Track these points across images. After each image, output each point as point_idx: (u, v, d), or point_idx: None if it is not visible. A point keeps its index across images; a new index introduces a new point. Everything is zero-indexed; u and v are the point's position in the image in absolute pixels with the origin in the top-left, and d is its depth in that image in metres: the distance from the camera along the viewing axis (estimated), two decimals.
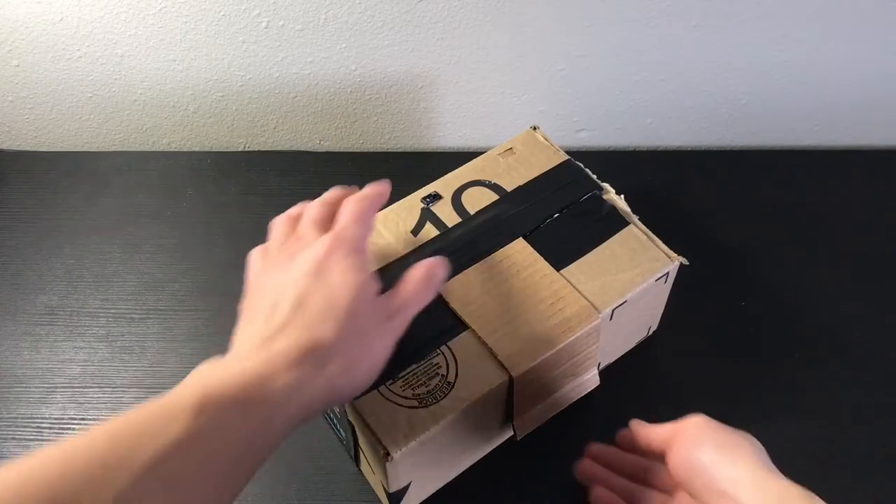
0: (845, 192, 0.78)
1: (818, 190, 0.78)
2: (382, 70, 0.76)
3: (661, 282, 0.57)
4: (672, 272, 0.57)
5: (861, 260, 0.72)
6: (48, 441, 0.61)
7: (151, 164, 0.80)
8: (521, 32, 0.72)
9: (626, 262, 0.57)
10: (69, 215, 0.75)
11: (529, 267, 0.56)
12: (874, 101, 0.80)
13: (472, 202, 0.60)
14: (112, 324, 0.67)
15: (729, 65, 0.76)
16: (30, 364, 0.65)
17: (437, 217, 0.59)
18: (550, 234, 0.58)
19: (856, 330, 0.67)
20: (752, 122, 0.82)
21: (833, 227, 0.75)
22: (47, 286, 0.70)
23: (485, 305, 0.54)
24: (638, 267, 0.56)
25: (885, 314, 0.68)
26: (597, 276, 0.56)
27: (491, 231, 0.58)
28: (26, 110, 0.79)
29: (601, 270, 0.56)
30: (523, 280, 0.55)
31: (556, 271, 0.56)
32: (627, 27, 0.72)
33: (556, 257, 0.57)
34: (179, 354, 0.66)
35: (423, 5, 0.70)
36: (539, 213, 0.59)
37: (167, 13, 0.70)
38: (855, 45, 0.75)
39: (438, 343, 0.52)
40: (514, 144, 0.64)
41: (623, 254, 0.57)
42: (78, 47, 0.73)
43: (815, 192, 0.77)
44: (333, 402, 0.42)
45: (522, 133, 0.65)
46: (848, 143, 0.84)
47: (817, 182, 0.78)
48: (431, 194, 0.61)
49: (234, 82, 0.77)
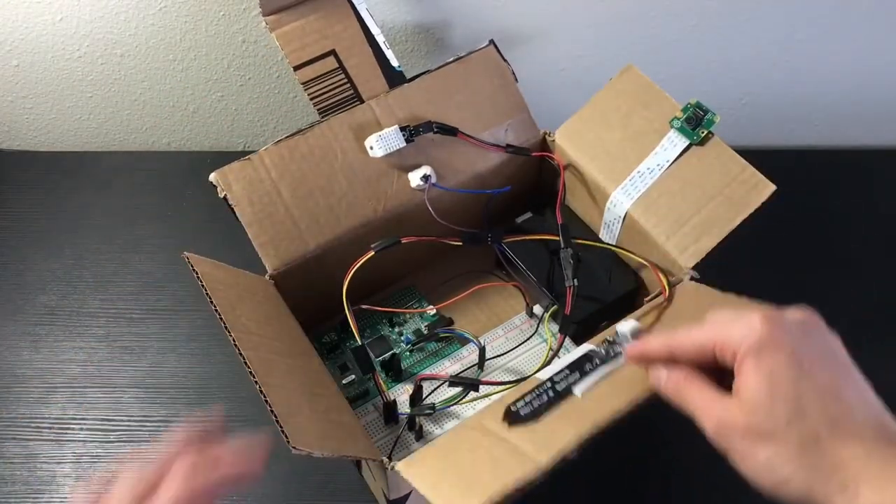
0: (845, 191, 0.78)
1: (818, 190, 0.78)
2: None
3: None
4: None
5: (861, 260, 0.72)
6: (48, 441, 0.61)
7: (151, 164, 0.80)
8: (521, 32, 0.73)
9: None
10: (69, 215, 0.75)
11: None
12: (874, 101, 0.80)
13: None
14: (112, 324, 0.67)
15: (729, 65, 0.76)
16: (29, 364, 0.65)
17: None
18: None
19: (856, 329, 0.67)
20: (752, 122, 0.82)
21: (833, 226, 0.75)
22: (47, 286, 0.70)
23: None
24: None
25: (886, 313, 0.68)
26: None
27: None
28: (26, 110, 0.79)
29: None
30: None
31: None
32: (627, 27, 0.72)
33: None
34: (179, 354, 0.66)
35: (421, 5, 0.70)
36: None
37: (167, 13, 0.70)
38: (855, 45, 0.75)
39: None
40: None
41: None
42: (78, 47, 0.73)
43: (815, 192, 0.77)
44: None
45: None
46: (848, 143, 0.84)
47: (817, 182, 0.78)
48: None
49: (234, 82, 0.77)
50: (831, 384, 0.35)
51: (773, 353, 0.35)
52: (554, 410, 0.45)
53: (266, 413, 0.62)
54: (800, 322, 0.37)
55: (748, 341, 0.36)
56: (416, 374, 0.57)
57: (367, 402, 0.57)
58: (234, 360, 0.66)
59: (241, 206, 0.54)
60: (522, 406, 0.45)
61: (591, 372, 0.47)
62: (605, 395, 0.45)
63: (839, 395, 0.35)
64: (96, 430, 0.61)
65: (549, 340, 0.59)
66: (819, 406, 0.34)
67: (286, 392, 0.44)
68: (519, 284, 0.63)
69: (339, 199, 0.56)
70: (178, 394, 0.63)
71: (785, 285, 0.70)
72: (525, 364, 0.59)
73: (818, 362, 0.35)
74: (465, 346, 0.60)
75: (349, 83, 0.59)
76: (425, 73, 0.60)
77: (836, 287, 0.70)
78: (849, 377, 0.36)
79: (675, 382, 0.39)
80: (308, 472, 0.59)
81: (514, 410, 0.45)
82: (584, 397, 0.45)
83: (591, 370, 0.47)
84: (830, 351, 0.37)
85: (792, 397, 0.34)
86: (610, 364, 0.47)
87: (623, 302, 0.59)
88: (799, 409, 0.34)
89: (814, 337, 0.37)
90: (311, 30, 0.59)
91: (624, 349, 0.47)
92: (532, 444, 0.42)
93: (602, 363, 0.47)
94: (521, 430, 0.44)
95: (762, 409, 0.35)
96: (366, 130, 0.57)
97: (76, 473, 0.59)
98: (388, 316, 0.61)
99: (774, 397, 0.35)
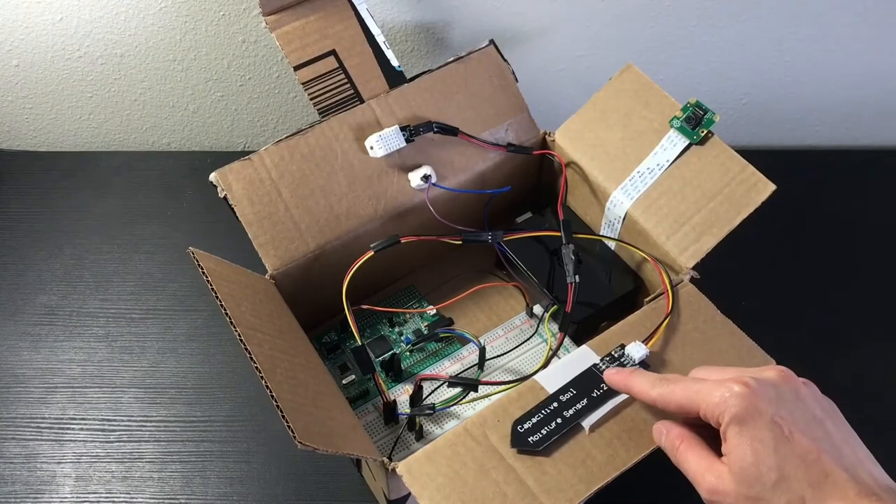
0: (846, 191, 0.78)
1: (818, 190, 0.78)
2: None
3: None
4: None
5: (861, 259, 0.72)
6: (48, 441, 0.61)
7: (151, 164, 0.80)
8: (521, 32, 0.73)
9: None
10: (69, 215, 0.75)
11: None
12: (874, 101, 0.80)
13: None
14: (111, 324, 0.67)
15: (729, 65, 0.76)
16: (29, 364, 0.65)
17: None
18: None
19: (856, 329, 0.67)
20: (752, 122, 0.82)
21: (833, 226, 0.75)
22: (47, 286, 0.70)
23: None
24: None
25: (886, 313, 0.68)
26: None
27: None
28: (26, 110, 0.79)
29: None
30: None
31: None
32: (627, 27, 0.72)
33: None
34: (179, 354, 0.66)
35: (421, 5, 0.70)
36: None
37: (167, 13, 0.70)
38: (855, 45, 0.75)
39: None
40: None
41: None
42: (78, 47, 0.73)
43: (815, 192, 0.77)
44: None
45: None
46: (848, 143, 0.84)
47: (817, 182, 0.78)
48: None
49: (234, 82, 0.77)
50: (811, 447, 0.37)
51: (754, 423, 0.38)
52: (563, 445, 0.45)
53: (267, 413, 0.62)
54: (776, 384, 0.40)
55: (731, 411, 0.38)
56: (416, 375, 0.57)
57: (367, 402, 0.57)
58: (234, 361, 0.67)
59: (241, 206, 0.54)
60: (530, 428, 0.45)
61: (598, 401, 0.47)
62: (614, 443, 0.45)
63: (819, 457, 0.37)
64: (96, 430, 0.61)
65: (549, 340, 0.59)
66: (802, 470, 0.37)
67: (290, 389, 0.44)
68: (519, 284, 0.63)
69: (339, 199, 0.56)
70: (178, 394, 0.63)
71: (785, 285, 0.70)
72: (525, 364, 0.59)
73: (797, 425, 0.38)
74: (465, 347, 0.60)
75: (349, 83, 0.59)
76: (425, 73, 0.60)
77: (836, 287, 0.70)
78: (826, 434, 0.38)
79: (672, 443, 0.42)
80: (308, 472, 0.59)
81: (521, 432, 0.45)
82: (591, 434, 0.46)
83: (598, 396, 0.47)
84: (808, 410, 0.39)
85: (775, 465, 0.37)
86: (618, 395, 0.47)
87: (623, 302, 0.59)
88: (783, 476, 0.37)
89: (790, 399, 0.39)
90: (311, 30, 0.59)
91: (634, 361, 0.48)
92: (539, 484, 0.43)
93: (609, 389, 0.47)
94: (528, 461, 0.44)
95: (750, 477, 0.37)
96: (366, 130, 0.57)
97: (76, 473, 0.59)
98: (388, 316, 0.61)
99: (759, 465, 0.37)
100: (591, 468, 0.44)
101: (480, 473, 0.44)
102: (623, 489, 0.45)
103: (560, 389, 0.47)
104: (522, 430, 0.45)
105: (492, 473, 0.44)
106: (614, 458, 0.45)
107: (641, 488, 0.51)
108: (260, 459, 0.60)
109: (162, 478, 0.59)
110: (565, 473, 0.44)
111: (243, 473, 0.59)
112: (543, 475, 0.44)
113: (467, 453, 0.44)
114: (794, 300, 0.69)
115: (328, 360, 0.59)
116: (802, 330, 0.67)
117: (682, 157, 0.56)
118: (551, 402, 0.46)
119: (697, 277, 0.54)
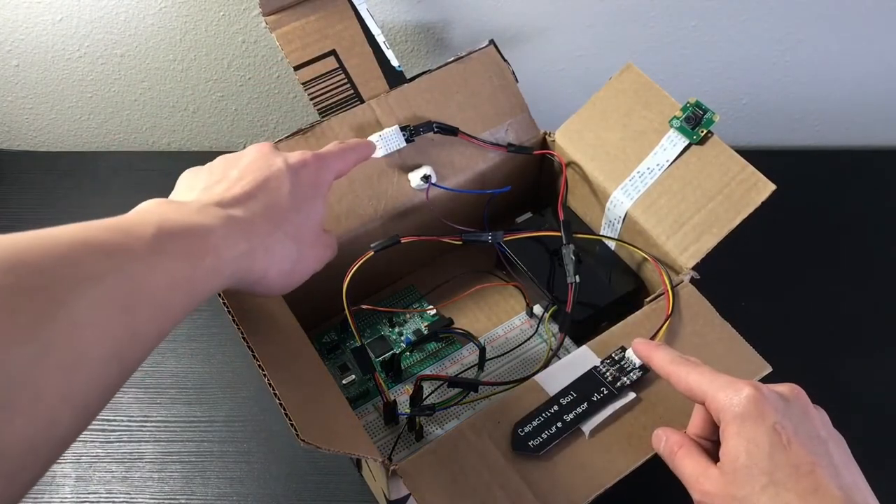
0: (845, 191, 0.78)
1: (818, 190, 0.78)
2: None
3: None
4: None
5: (861, 259, 0.72)
6: None
7: (151, 164, 0.80)
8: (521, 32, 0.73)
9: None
10: (69, 215, 0.74)
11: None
12: (874, 101, 0.80)
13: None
14: None
15: (729, 65, 0.76)
16: None
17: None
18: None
19: (856, 329, 0.67)
20: (752, 122, 0.82)
21: (833, 226, 0.75)
22: None
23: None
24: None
25: (886, 313, 0.68)
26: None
27: None
28: (26, 110, 0.79)
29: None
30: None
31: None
32: (627, 27, 0.72)
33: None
34: (179, 354, 0.66)
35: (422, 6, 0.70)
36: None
37: (167, 13, 0.70)
38: (855, 45, 0.75)
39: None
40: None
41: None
42: (78, 47, 0.73)
43: (815, 192, 0.77)
44: (262, 283, 0.42)
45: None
46: (848, 143, 0.84)
47: (817, 182, 0.78)
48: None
49: (234, 82, 0.77)
50: (807, 459, 0.37)
51: (756, 424, 0.38)
52: (562, 449, 0.45)
53: (267, 413, 0.62)
54: (786, 398, 0.39)
55: (735, 410, 0.38)
56: (416, 375, 0.57)
57: (367, 403, 0.57)
58: (234, 361, 0.67)
59: None
60: (531, 432, 0.45)
61: (599, 405, 0.47)
62: (613, 448, 0.46)
63: (814, 470, 0.36)
64: (96, 430, 0.61)
65: (549, 341, 0.59)
66: (793, 480, 0.36)
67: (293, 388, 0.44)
68: (519, 284, 0.63)
69: (339, 199, 0.56)
70: (178, 394, 0.63)
71: (785, 285, 0.70)
72: (525, 364, 0.59)
73: (797, 437, 0.37)
74: (465, 347, 0.60)
75: (349, 83, 0.59)
76: (425, 73, 0.60)
77: (837, 287, 0.70)
78: (826, 453, 0.38)
79: (671, 448, 0.42)
80: (308, 472, 0.59)
81: (521, 435, 0.45)
82: (591, 439, 0.46)
83: (598, 400, 0.47)
84: (813, 428, 0.39)
85: (767, 470, 0.37)
86: (618, 400, 0.47)
87: (623, 302, 0.59)
88: (773, 481, 0.36)
89: (797, 413, 0.39)
90: (311, 30, 0.59)
91: (635, 365, 0.48)
92: (538, 488, 0.43)
93: (609, 393, 0.47)
94: (527, 464, 0.44)
95: (741, 478, 0.37)
96: (366, 130, 0.57)
97: (76, 473, 0.59)
98: (388, 316, 0.61)
99: (751, 468, 0.37)
100: (589, 474, 0.44)
101: (480, 475, 0.44)
102: (620, 495, 0.45)
103: (560, 392, 0.47)
104: (523, 433, 0.45)
105: (491, 475, 0.44)
106: (613, 465, 0.45)
107: (639, 494, 0.51)
108: (260, 459, 0.60)
109: (162, 478, 0.59)
110: (564, 478, 0.44)
111: (243, 473, 0.59)
112: (542, 479, 0.44)
113: (467, 454, 0.44)
114: (793, 300, 0.69)
115: (328, 360, 0.59)
116: (802, 330, 0.67)
117: (681, 157, 0.56)
118: (552, 406, 0.46)
119: (697, 278, 0.54)
